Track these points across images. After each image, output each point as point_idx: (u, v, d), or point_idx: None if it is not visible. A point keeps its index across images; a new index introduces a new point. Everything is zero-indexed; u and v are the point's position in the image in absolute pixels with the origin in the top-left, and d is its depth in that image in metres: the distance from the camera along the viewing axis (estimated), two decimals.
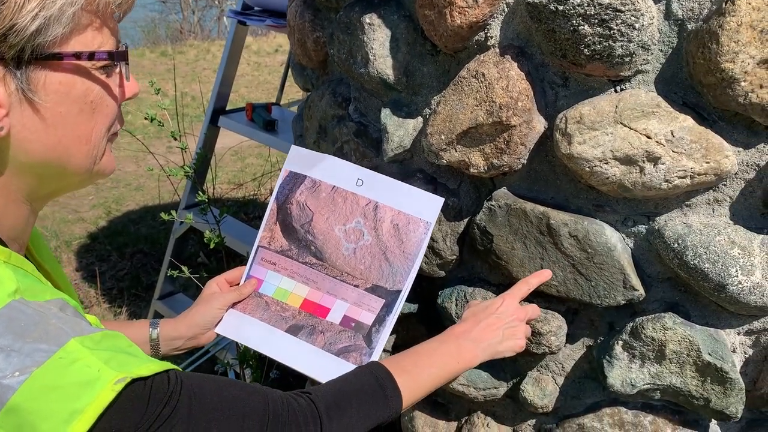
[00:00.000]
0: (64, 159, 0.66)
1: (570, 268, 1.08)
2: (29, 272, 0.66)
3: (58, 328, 0.59)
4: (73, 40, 0.62)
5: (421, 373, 0.91)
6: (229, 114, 2.68)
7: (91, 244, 4.18)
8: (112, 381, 0.57)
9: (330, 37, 1.37)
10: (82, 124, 0.66)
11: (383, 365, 0.89)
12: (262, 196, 4.72)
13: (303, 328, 1.11)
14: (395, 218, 1.10)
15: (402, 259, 1.09)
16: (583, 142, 0.97)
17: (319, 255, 1.14)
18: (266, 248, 1.17)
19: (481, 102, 1.05)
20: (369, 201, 1.12)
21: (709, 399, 1.06)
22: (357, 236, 1.12)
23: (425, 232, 1.09)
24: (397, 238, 1.10)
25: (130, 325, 1.12)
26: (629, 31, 0.89)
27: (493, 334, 1.01)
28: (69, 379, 0.57)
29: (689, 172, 0.94)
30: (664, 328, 1.04)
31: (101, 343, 0.61)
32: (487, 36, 1.07)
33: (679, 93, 0.96)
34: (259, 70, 9.02)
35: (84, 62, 0.64)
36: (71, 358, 0.58)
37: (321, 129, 1.47)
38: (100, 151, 0.69)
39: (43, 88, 0.62)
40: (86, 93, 0.65)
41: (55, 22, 0.59)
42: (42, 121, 0.63)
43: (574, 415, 1.23)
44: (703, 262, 0.97)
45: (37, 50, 0.60)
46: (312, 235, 1.14)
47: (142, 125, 6.36)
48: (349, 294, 1.11)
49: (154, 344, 1.10)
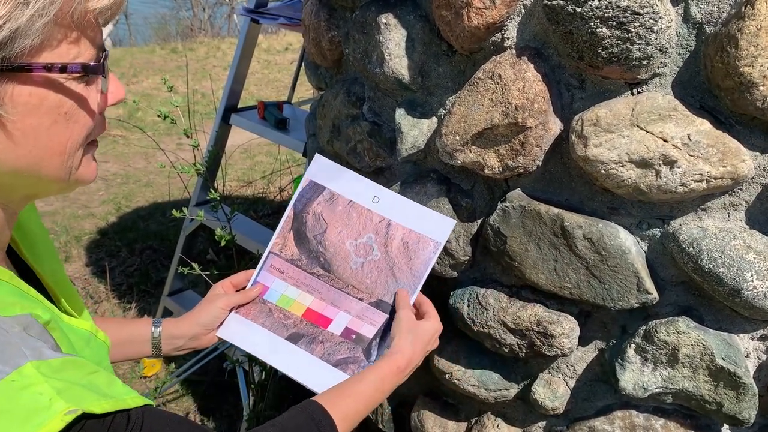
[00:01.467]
0: (35, 169, 0.62)
1: (583, 270, 1.08)
2: (5, 280, 0.64)
3: (17, 349, 0.57)
4: (45, 51, 0.58)
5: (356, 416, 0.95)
6: (240, 112, 2.68)
7: (101, 240, 4.20)
8: (63, 411, 0.55)
9: (345, 37, 1.37)
10: (56, 136, 0.62)
11: (327, 412, 0.90)
12: (271, 194, 4.73)
13: (303, 337, 1.12)
14: (406, 236, 1.13)
15: (409, 276, 1.11)
16: (599, 144, 0.97)
17: (327, 267, 1.15)
18: (277, 255, 1.18)
19: (497, 103, 1.05)
20: (382, 218, 1.14)
21: (722, 404, 1.06)
22: (366, 251, 1.13)
23: (434, 251, 1.11)
24: (405, 255, 1.12)
25: (134, 323, 1.12)
26: (647, 34, 0.89)
27: (420, 363, 1.07)
28: (18, 404, 0.54)
29: (705, 176, 0.94)
30: (677, 331, 1.04)
31: (60, 371, 0.58)
32: (504, 37, 1.07)
33: (697, 96, 0.95)
34: (269, 68, 9.04)
35: (56, 75, 0.60)
36: (24, 382, 0.55)
37: (335, 128, 1.48)
38: (75, 161, 0.65)
39: (11, 101, 0.58)
40: (59, 105, 0.61)
41: (23, 34, 0.55)
42: (8, 135, 0.59)
43: (584, 417, 1.23)
44: (718, 267, 0.96)
45: (3, 63, 0.56)
46: (323, 246, 1.16)
47: (152, 122, 6.39)
48: (352, 306, 1.13)
49: (156, 342, 1.10)
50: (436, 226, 1.12)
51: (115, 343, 1.07)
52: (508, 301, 1.19)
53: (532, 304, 1.17)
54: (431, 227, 1.12)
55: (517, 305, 1.18)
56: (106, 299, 3.53)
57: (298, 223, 1.18)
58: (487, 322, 1.21)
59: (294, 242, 1.18)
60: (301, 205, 1.19)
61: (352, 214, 1.16)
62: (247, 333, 1.14)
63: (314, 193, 1.18)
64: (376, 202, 1.15)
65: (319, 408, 0.89)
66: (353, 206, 1.16)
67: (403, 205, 1.14)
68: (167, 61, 9.30)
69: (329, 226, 1.16)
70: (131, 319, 1.13)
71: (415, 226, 1.13)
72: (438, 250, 1.11)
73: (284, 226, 1.19)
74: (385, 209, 1.15)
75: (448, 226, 1.12)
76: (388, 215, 1.14)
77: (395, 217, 1.14)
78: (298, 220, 1.18)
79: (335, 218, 1.16)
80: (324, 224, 1.16)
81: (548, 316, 1.15)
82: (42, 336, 0.61)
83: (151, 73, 8.52)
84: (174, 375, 2.76)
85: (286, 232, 1.19)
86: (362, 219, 1.15)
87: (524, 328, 1.17)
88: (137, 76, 8.37)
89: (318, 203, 1.18)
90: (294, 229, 1.18)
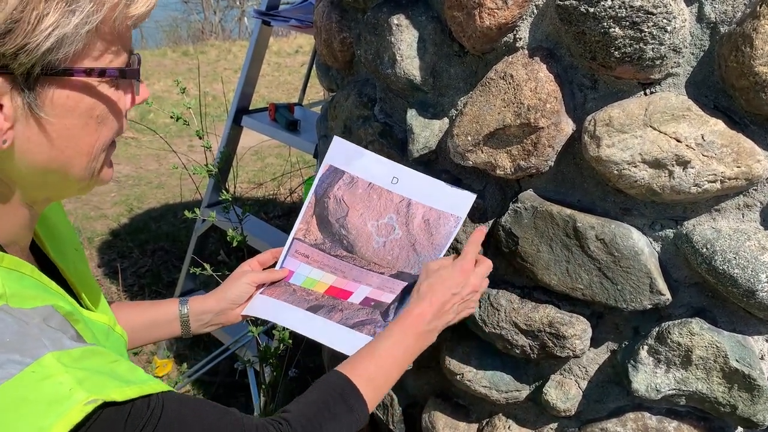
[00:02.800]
0: (64, 169, 0.65)
1: (596, 271, 1.08)
2: (26, 274, 0.65)
3: (37, 340, 0.58)
4: (85, 56, 0.61)
5: (382, 377, 0.94)
6: (252, 114, 2.70)
7: (112, 241, 4.23)
8: (83, 401, 0.55)
9: (357, 38, 1.37)
10: (86, 137, 0.65)
11: (347, 378, 0.90)
12: (282, 196, 4.74)
13: (323, 307, 1.14)
14: (426, 214, 1.14)
15: (430, 249, 1.13)
16: (612, 144, 0.97)
17: (351, 248, 1.18)
18: (301, 241, 1.20)
19: (509, 103, 1.04)
20: (402, 198, 1.16)
21: (736, 406, 1.05)
22: (388, 231, 1.15)
23: (455, 225, 1.13)
24: (426, 231, 1.13)
25: (160, 304, 1.14)
26: (661, 34, 0.89)
27: (449, 316, 1.01)
28: (38, 395, 0.55)
29: (719, 177, 0.93)
30: (690, 333, 1.04)
31: (80, 360, 0.59)
32: (516, 37, 1.07)
33: (711, 96, 0.95)
34: (280, 71, 9.07)
35: (93, 78, 0.62)
36: (44, 373, 0.56)
37: (346, 129, 1.48)
38: (99, 162, 0.68)
39: (50, 104, 0.60)
40: (93, 108, 0.64)
41: (69, 41, 0.58)
42: (46, 136, 0.62)
43: (596, 419, 1.23)
44: (733, 268, 0.96)
45: (48, 67, 0.58)
46: (346, 229, 1.18)
47: (164, 124, 6.42)
48: (373, 280, 1.15)
49: (184, 320, 1.11)
50: (456, 201, 1.14)
51: (143, 327, 1.09)
52: (520, 302, 1.19)
53: (544, 305, 1.17)
54: (452, 203, 1.14)
55: (528, 306, 1.18)
56: (118, 300, 3.55)
57: (321, 208, 1.20)
58: (498, 323, 1.20)
59: (317, 227, 1.20)
60: (322, 190, 1.21)
61: (372, 196, 1.18)
62: (270, 307, 1.16)
63: (334, 177, 1.20)
64: (395, 183, 1.17)
65: (341, 377, 0.90)
66: (373, 188, 1.18)
67: (423, 182, 1.16)
68: (178, 63, 9.36)
69: (351, 209, 1.18)
70: (156, 301, 1.14)
71: (436, 203, 1.15)
72: (459, 223, 1.13)
73: (307, 212, 1.21)
74: (404, 189, 1.17)
75: (468, 200, 1.14)
76: (408, 195, 1.17)
77: (415, 196, 1.16)
78: (320, 205, 1.20)
79: (356, 201, 1.19)
80: (345, 208, 1.19)
81: (560, 318, 1.15)
82: (62, 326, 0.63)
83: (162, 75, 8.58)
84: (185, 375, 2.77)
85: (309, 218, 1.21)
86: (383, 200, 1.18)
87: (536, 329, 1.16)
88: (149, 79, 8.43)
89: (339, 187, 1.20)
90: (317, 214, 1.21)
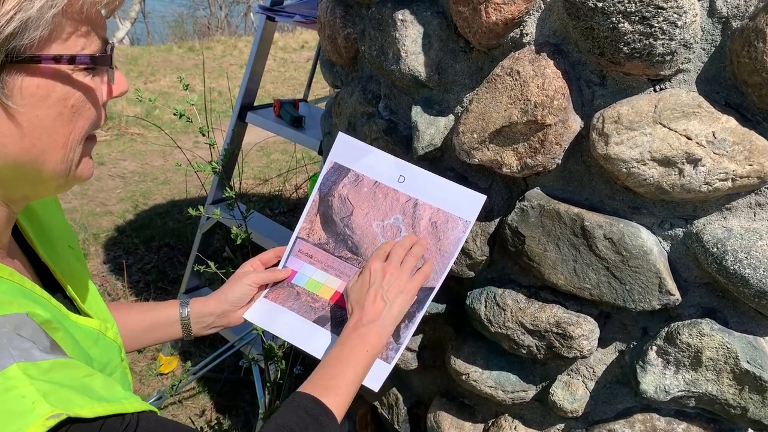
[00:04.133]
0: (38, 162, 0.62)
1: (604, 271, 1.06)
2: (4, 278, 0.63)
3: (4, 350, 0.56)
4: (54, 43, 0.58)
5: (341, 383, 0.92)
6: (256, 110, 2.68)
7: (118, 237, 4.23)
8: (45, 416, 0.53)
9: (361, 34, 1.36)
10: (60, 128, 0.62)
11: (307, 394, 0.88)
12: (287, 192, 4.73)
13: (331, 320, 1.11)
14: (434, 216, 1.10)
15: (438, 257, 1.08)
16: (621, 142, 0.95)
17: (355, 250, 1.14)
18: (305, 240, 1.17)
19: (516, 100, 1.03)
20: (409, 198, 1.12)
21: (747, 408, 1.03)
22: (394, 233, 1.12)
23: (464, 231, 1.09)
24: (434, 235, 1.09)
25: (161, 306, 1.12)
26: (671, 29, 0.87)
27: (379, 306, 0.99)
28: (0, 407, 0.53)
29: (731, 175, 0.91)
30: (700, 334, 1.02)
31: (48, 373, 0.57)
32: (523, 33, 1.05)
33: (722, 93, 0.93)
34: (285, 66, 9.06)
35: (64, 66, 0.60)
36: (8, 384, 0.54)
37: (350, 126, 1.47)
38: (76, 155, 0.65)
39: (19, 93, 0.58)
40: (66, 97, 0.61)
41: (33, 26, 0.55)
42: (16, 126, 0.59)
43: (604, 420, 1.21)
44: (744, 268, 0.94)
45: (13, 54, 0.55)
46: (350, 229, 1.15)
47: (170, 120, 6.43)
48: None
49: (185, 323, 1.10)
50: (465, 203, 1.09)
51: (144, 329, 1.08)
52: (527, 301, 1.18)
53: (550, 305, 1.15)
54: (460, 205, 1.09)
55: (535, 306, 1.16)
56: (123, 296, 3.55)
57: (325, 207, 1.17)
58: (504, 323, 1.19)
59: (321, 226, 1.17)
60: (326, 188, 1.17)
61: (378, 195, 1.14)
62: (274, 316, 1.13)
63: (339, 175, 1.17)
64: (401, 182, 1.13)
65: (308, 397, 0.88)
66: (378, 187, 1.14)
67: (430, 182, 1.12)
68: (184, 59, 9.36)
69: (355, 209, 1.15)
70: (157, 303, 1.13)
71: (444, 205, 1.10)
72: (468, 229, 1.08)
73: (310, 210, 1.18)
74: (411, 189, 1.12)
75: (477, 203, 1.09)
76: (415, 194, 1.12)
77: (422, 197, 1.12)
78: (324, 204, 1.17)
79: (361, 200, 1.15)
80: (350, 207, 1.15)
81: (567, 318, 1.13)
82: (35, 336, 0.60)
83: (168, 71, 8.58)
84: (190, 372, 2.77)
85: (312, 216, 1.18)
86: (388, 200, 1.13)
87: (543, 329, 1.15)
88: (155, 75, 8.43)
89: (343, 185, 1.16)
90: (320, 213, 1.17)
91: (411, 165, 1.14)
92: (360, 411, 1.76)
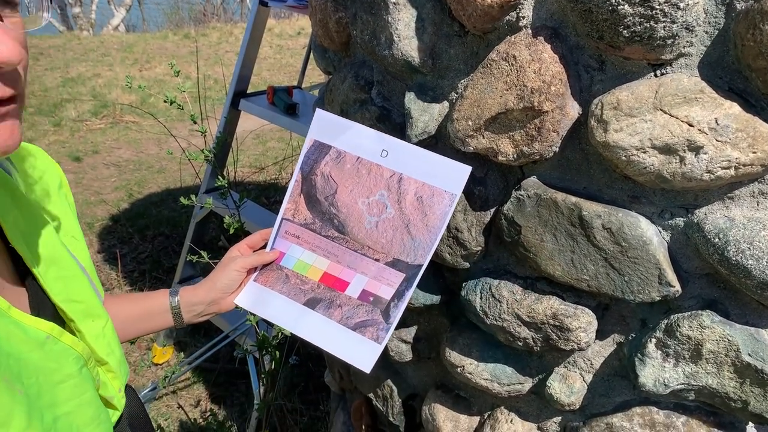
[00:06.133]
0: None
1: (602, 261, 1.03)
2: None
3: None
4: None
5: None
6: (250, 97, 2.64)
7: (113, 226, 4.20)
8: None
9: (353, 18, 1.32)
10: None
11: None
12: (283, 180, 4.70)
13: (321, 302, 1.09)
14: (419, 190, 1.07)
15: (425, 233, 1.06)
16: (620, 129, 0.92)
17: (342, 228, 1.12)
18: (290, 221, 1.15)
19: (512, 86, 0.99)
20: (393, 173, 1.09)
21: (748, 401, 1.01)
22: (380, 209, 1.09)
23: (450, 204, 1.05)
24: (420, 211, 1.06)
25: (150, 296, 1.10)
26: (673, 11, 0.83)
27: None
28: None
29: (733, 163, 0.88)
30: (701, 326, 0.99)
31: None
32: (519, 16, 1.01)
33: (725, 78, 0.90)
34: (282, 53, 8.99)
35: None
36: None
37: (342, 113, 1.43)
38: None
39: None
40: None
41: None
42: None
43: (602, 413, 1.19)
44: (746, 259, 0.91)
45: None
46: (336, 207, 1.12)
47: (165, 108, 6.37)
48: (369, 268, 1.09)
49: (176, 312, 1.08)
50: (450, 175, 1.06)
51: (134, 319, 1.06)
52: (523, 293, 1.15)
53: (547, 297, 1.13)
54: (445, 178, 1.06)
55: (531, 298, 1.14)
56: (118, 286, 3.52)
57: (308, 186, 1.14)
58: (500, 315, 1.16)
59: (306, 206, 1.15)
60: (308, 167, 1.15)
61: (361, 172, 1.11)
62: (265, 301, 1.12)
63: (320, 153, 1.14)
64: (384, 156, 1.10)
65: None
66: (361, 163, 1.11)
67: (414, 155, 1.08)
68: (180, 46, 9.28)
69: (339, 186, 1.12)
70: (146, 293, 1.11)
71: (428, 179, 1.07)
72: (454, 202, 1.05)
73: (294, 191, 1.15)
74: (394, 163, 1.10)
75: (463, 175, 1.05)
76: (399, 169, 1.09)
77: (406, 171, 1.09)
78: (307, 183, 1.15)
79: (345, 177, 1.12)
80: (334, 185, 1.13)
81: (564, 309, 1.10)
82: None
83: (164, 59, 8.51)
84: (185, 363, 2.75)
85: (296, 197, 1.15)
86: (372, 175, 1.11)
87: (539, 321, 1.12)
88: (150, 62, 8.36)
89: (325, 163, 1.13)
90: (304, 193, 1.15)
91: (393, 138, 1.10)
92: (355, 403, 1.74)
